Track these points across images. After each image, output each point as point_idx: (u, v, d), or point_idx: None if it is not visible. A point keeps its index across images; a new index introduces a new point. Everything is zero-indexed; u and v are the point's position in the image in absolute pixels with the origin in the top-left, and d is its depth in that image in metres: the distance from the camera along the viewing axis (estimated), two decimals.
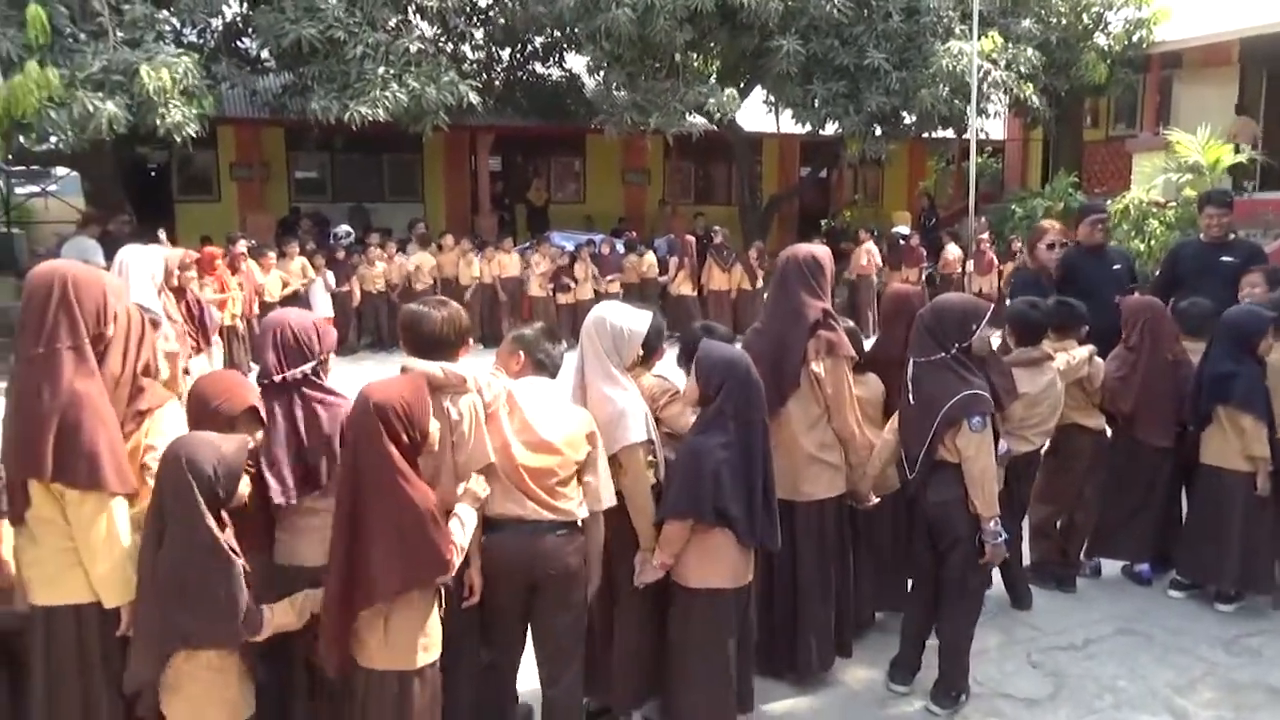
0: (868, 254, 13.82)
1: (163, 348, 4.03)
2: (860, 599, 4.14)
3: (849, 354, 3.72)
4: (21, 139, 11.19)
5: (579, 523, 3.08)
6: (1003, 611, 4.55)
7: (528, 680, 3.32)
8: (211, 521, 2.44)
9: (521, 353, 3.22)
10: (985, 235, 13.87)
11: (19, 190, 17.94)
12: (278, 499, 2.70)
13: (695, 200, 20.49)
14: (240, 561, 2.47)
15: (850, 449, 3.76)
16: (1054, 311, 4.64)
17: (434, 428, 2.73)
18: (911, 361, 3.63)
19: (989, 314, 3.60)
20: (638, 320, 3.31)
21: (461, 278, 12.67)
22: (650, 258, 13.81)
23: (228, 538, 2.48)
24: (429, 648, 2.71)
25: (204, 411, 2.72)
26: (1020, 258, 11.18)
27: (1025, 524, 4.76)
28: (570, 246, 13.30)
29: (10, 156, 15.13)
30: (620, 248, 13.54)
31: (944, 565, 3.64)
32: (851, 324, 4.12)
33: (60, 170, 17.26)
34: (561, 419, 3.06)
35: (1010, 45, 14.40)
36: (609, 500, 3.11)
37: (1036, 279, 5.50)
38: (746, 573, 3.29)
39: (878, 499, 3.93)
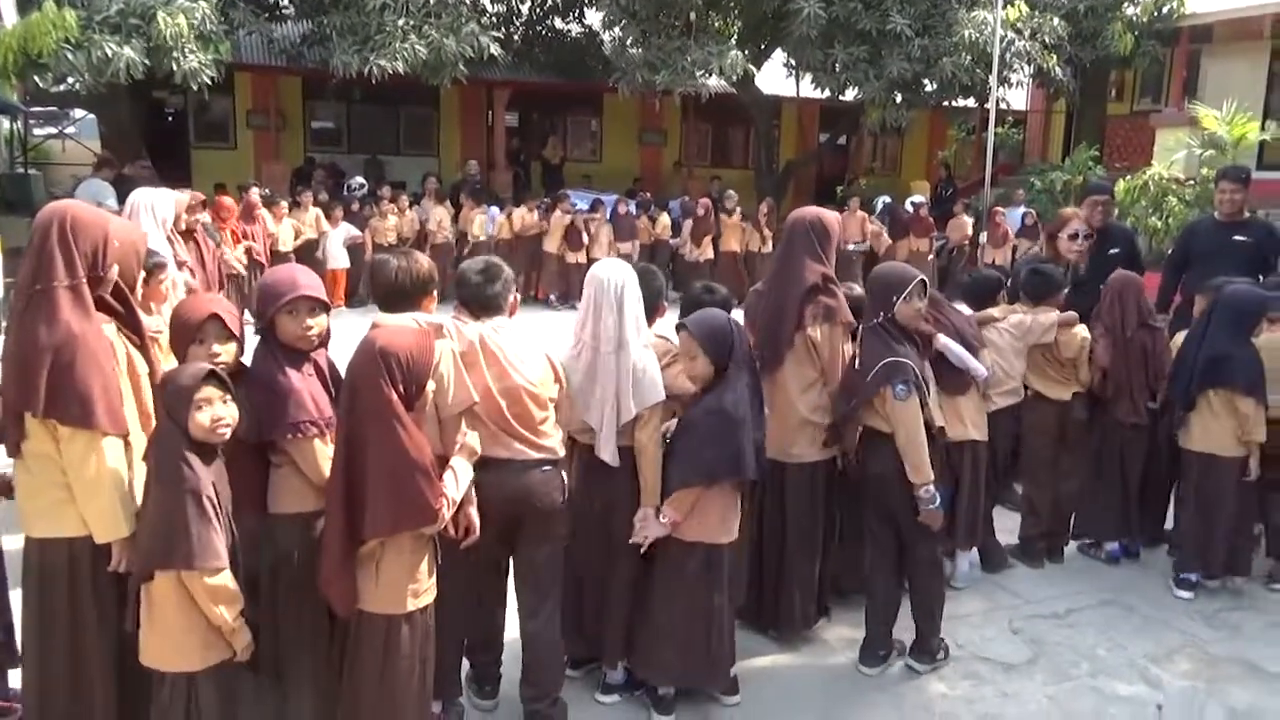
0: (858, 222, 13.53)
1: (169, 290, 4.09)
2: (845, 562, 4.18)
3: (846, 320, 3.73)
4: (38, 80, 11.23)
5: (561, 458, 3.18)
6: (987, 579, 4.62)
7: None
8: (181, 443, 2.48)
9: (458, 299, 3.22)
10: (1019, 209, 13.62)
11: (37, 131, 18.01)
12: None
13: (712, 163, 20.38)
14: (205, 495, 2.48)
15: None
16: (1027, 279, 4.72)
17: (429, 386, 2.75)
18: (860, 327, 3.71)
19: (915, 284, 3.58)
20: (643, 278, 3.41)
21: (474, 233, 12.68)
22: (665, 219, 13.77)
23: (208, 471, 2.51)
24: (419, 594, 2.75)
25: (175, 325, 2.79)
26: (1038, 243, 11.08)
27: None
28: (583, 205, 13.27)
29: (29, 97, 15.22)
30: (634, 209, 13.50)
31: (898, 535, 3.69)
32: (860, 290, 4.10)
33: (78, 113, 17.31)
34: (533, 360, 3.13)
35: (1036, 14, 14.18)
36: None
37: None
38: (735, 529, 3.36)
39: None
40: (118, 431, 2.59)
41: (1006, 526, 4.89)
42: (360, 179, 13.79)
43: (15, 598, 3.11)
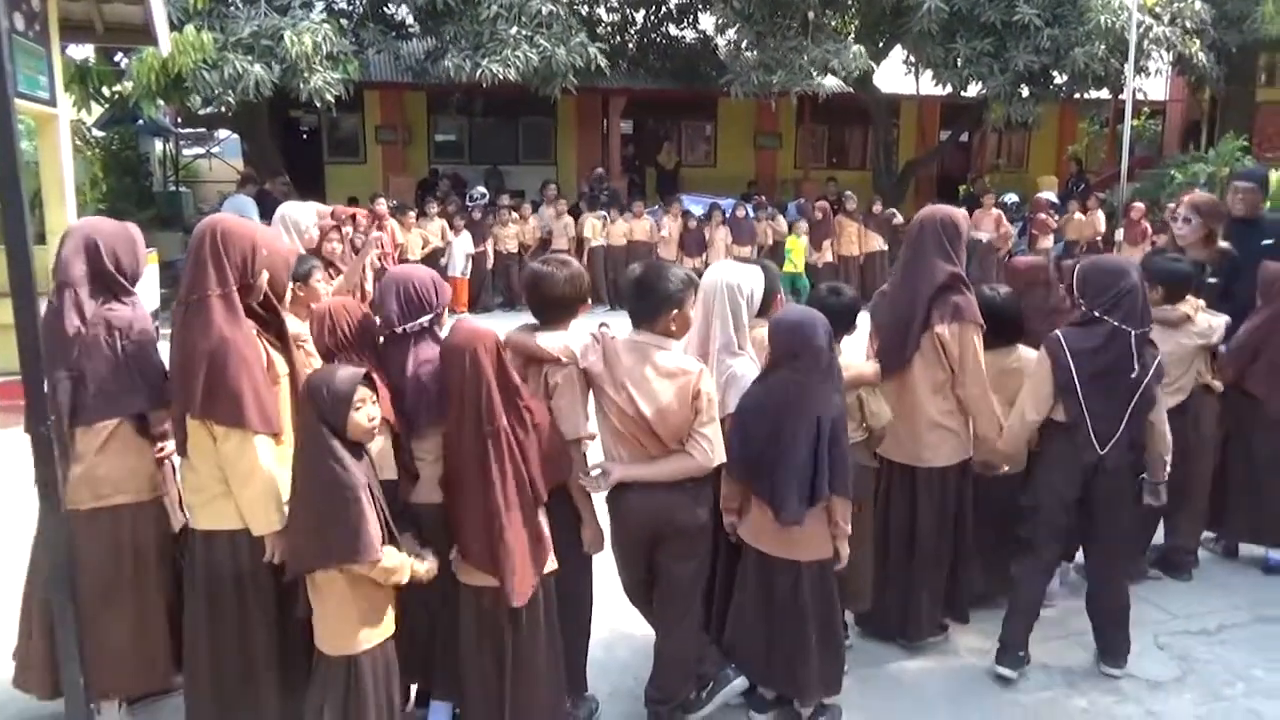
0: (993, 220, 12.93)
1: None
2: (978, 568, 4.04)
3: (977, 320, 3.61)
4: (187, 103, 12.01)
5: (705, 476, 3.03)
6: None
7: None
8: (333, 444, 2.57)
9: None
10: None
11: (186, 151, 19.23)
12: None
13: (828, 165, 20.09)
14: (362, 490, 2.58)
15: (978, 420, 3.65)
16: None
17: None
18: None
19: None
20: (754, 278, 3.29)
21: (591, 240, 12.86)
22: (783, 222, 13.65)
23: (360, 466, 2.62)
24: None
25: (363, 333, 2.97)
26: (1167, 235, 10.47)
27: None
28: (699, 210, 13.27)
29: (179, 120, 16.27)
30: (751, 212, 13.41)
31: (1110, 533, 3.61)
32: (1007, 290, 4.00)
33: (222, 133, 18.41)
34: (664, 383, 2.94)
35: None
36: (719, 458, 3.02)
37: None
38: (791, 548, 3.10)
39: (1008, 469, 3.81)
40: (268, 430, 2.74)
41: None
42: (482, 189, 14.19)
43: None
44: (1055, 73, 13.95)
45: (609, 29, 16.50)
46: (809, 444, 2.97)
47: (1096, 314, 3.48)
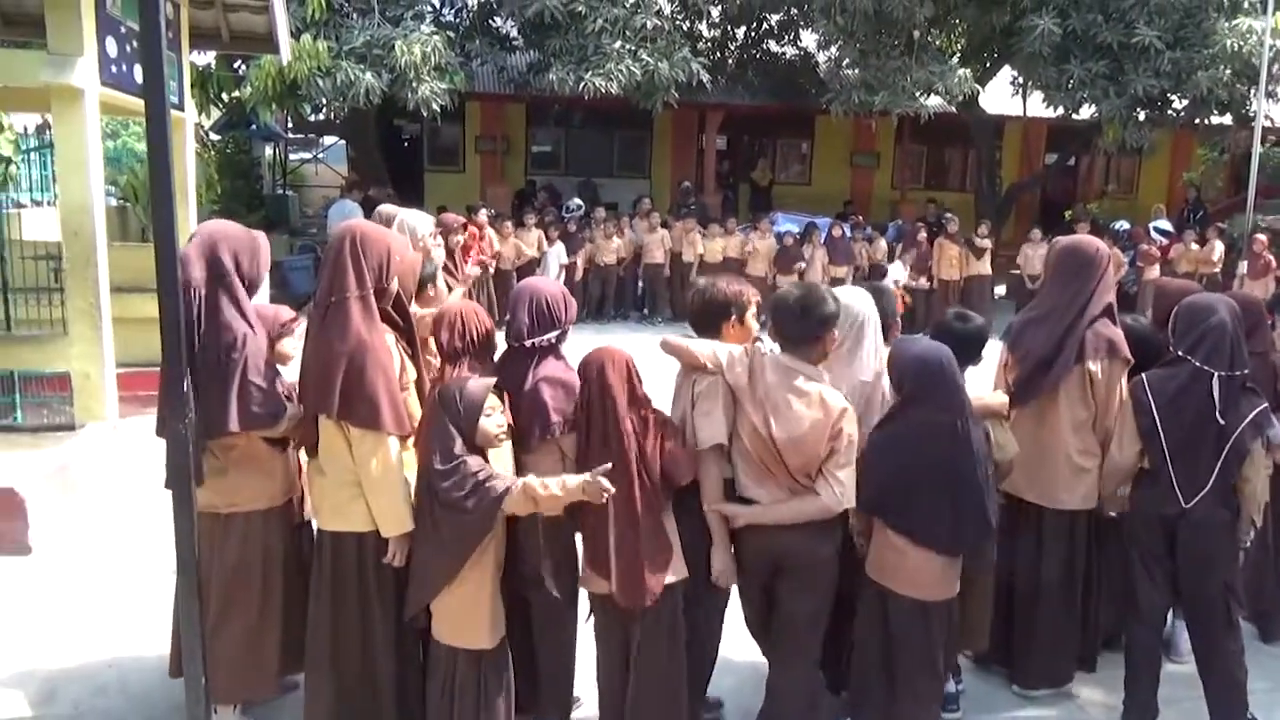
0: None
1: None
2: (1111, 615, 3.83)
3: (1128, 357, 3.44)
4: (299, 109, 12.39)
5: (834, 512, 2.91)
6: (1267, 654, 4.10)
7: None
8: (460, 445, 2.59)
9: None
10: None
11: (293, 156, 19.87)
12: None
13: (926, 186, 19.67)
14: (490, 475, 2.60)
15: (1108, 457, 3.47)
16: None
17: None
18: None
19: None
20: (862, 301, 3.20)
21: (685, 255, 12.80)
22: (882, 244, 13.39)
23: (487, 467, 2.64)
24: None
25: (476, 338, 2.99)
26: None
27: None
28: (795, 229, 13.10)
29: (290, 126, 16.84)
30: (848, 232, 13.18)
31: (1201, 593, 3.33)
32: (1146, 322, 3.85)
33: (327, 139, 18.98)
34: (807, 408, 2.83)
35: None
36: (848, 503, 2.88)
37: None
38: (928, 585, 2.95)
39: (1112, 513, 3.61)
40: (401, 432, 2.75)
41: None
42: (578, 200, 14.27)
43: None
44: (1174, 97, 13.39)
45: (709, 44, 16.46)
46: (969, 486, 2.87)
47: (1180, 353, 3.29)
